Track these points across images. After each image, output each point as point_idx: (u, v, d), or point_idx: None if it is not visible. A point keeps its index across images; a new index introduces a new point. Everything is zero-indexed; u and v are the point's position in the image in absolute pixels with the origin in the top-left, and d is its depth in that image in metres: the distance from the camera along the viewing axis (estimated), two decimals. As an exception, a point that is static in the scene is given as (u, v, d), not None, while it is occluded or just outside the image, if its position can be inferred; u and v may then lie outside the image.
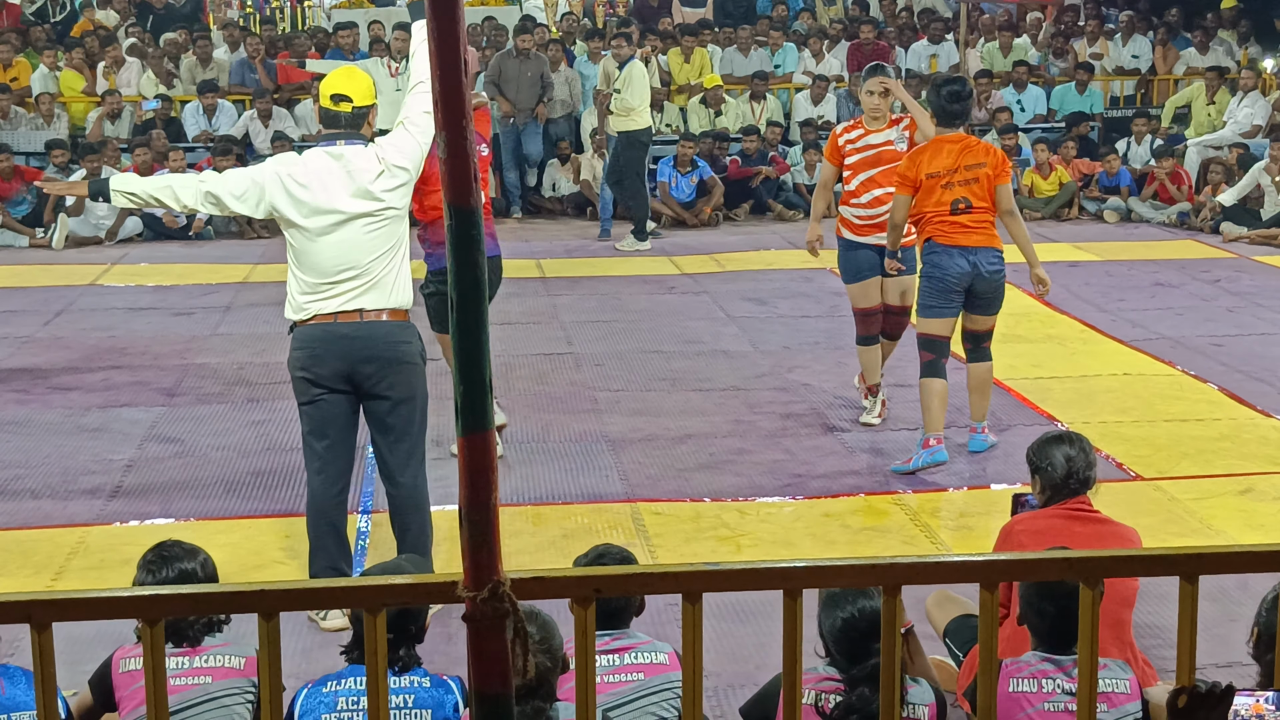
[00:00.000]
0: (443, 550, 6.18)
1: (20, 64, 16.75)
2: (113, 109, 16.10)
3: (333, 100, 5.75)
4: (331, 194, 5.63)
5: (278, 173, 5.71)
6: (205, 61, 16.79)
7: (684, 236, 15.01)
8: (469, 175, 2.43)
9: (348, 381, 5.74)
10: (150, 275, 13.16)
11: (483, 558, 2.51)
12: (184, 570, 4.22)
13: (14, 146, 15.25)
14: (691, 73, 17.43)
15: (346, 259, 5.64)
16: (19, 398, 9.21)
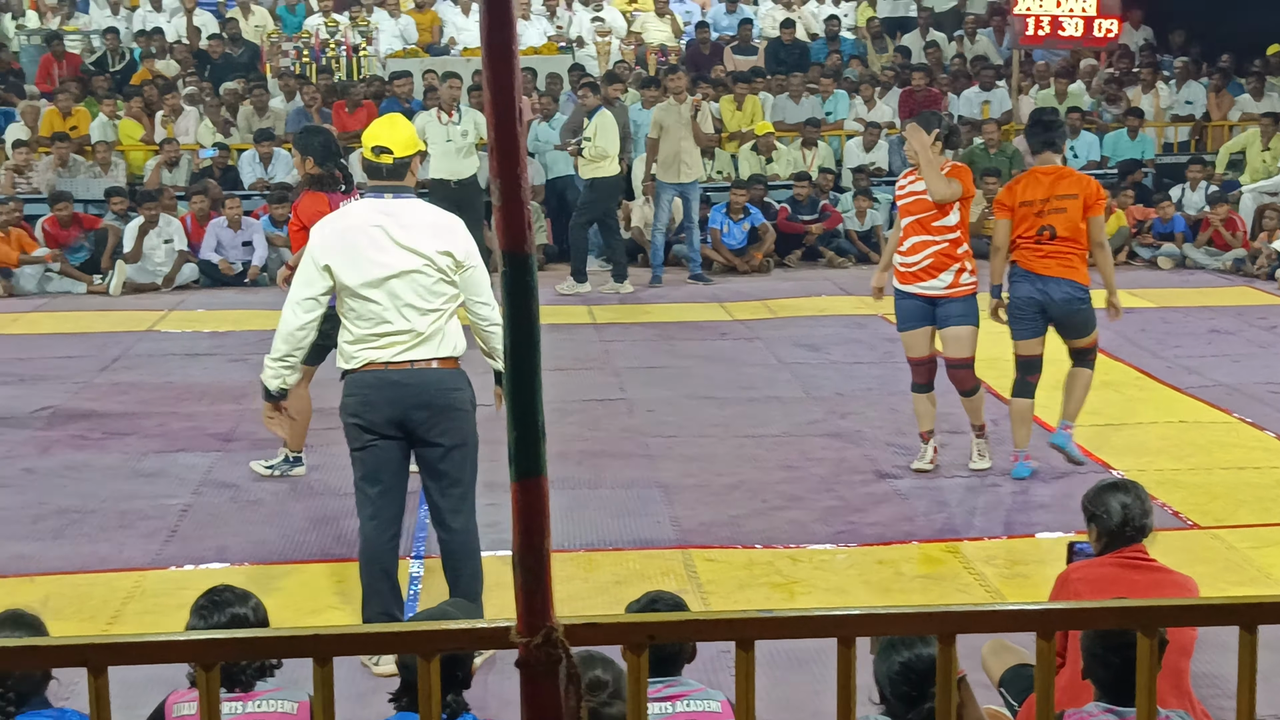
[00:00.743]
0: (494, 596, 6.18)
1: (80, 113, 16.99)
2: (170, 157, 16.29)
3: (374, 152, 5.79)
4: (377, 247, 5.66)
5: (321, 233, 5.77)
6: (262, 110, 16.97)
7: (736, 283, 15.03)
8: (523, 223, 2.44)
9: (399, 428, 5.76)
10: (206, 321, 13.28)
11: (536, 603, 2.51)
12: (235, 615, 4.23)
13: (73, 194, 15.44)
14: (743, 120, 17.48)
15: (394, 312, 5.66)
16: (77, 442, 9.29)
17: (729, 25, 19.98)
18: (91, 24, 19.43)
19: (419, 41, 19.10)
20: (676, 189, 14.81)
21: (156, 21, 19.25)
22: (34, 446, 9.20)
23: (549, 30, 19.15)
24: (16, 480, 8.56)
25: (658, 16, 19.72)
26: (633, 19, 19.71)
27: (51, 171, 16.00)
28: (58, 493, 8.29)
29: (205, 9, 19.55)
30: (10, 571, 7.06)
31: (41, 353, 11.70)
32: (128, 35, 19.15)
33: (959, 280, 8.06)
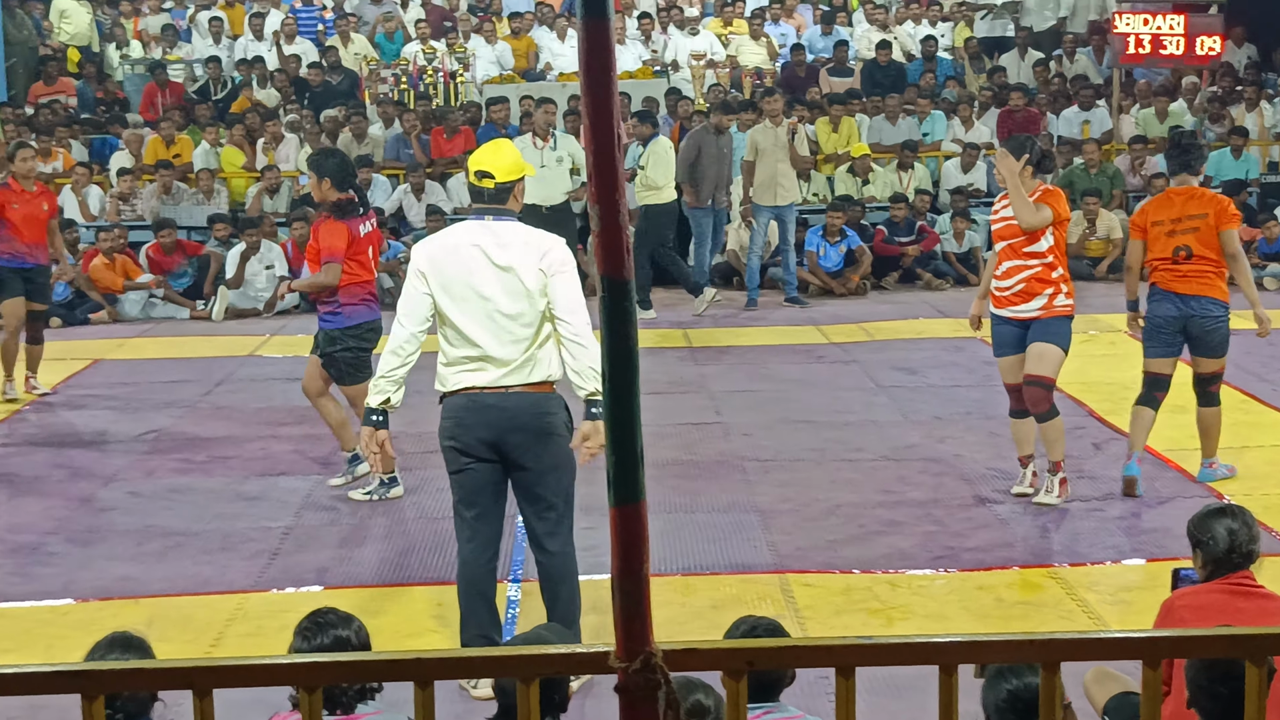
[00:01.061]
0: (591, 620, 6.18)
1: (183, 140, 17.28)
2: (271, 184, 16.53)
3: (477, 176, 5.84)
4: (473, 268, 5.70)
5: (422, 252, 5.83)
6: (360, 137, 17.17)
7: (832, 306, 14.96)
8: (622, 248, 2.44)
9: (495, 451, 5.79)
10: (307, 346, 13.37)
11: (635, 628, 2.50)
12: (339, 637, 4.26)
13: (176, 221, 15.70)
14: (839, 142, 17.43)
15: (490, 336, 5.69)
16: (181, 466, 9.43)
17: (824, 47, 19.94)
18: (194, 53, 19.76)
19: (515, 67, 19.24)
20: (772, 212, 14.78)
21: (258, 50, 19.55)
22: (139, 470, 9.34)
23: (644, 54, 19.21)
24: (122, 503, 8.70)
25: (753, 39, 19.72)
26: (728, 42, 19.72)
27: (155, 199, 16.29)
28: (162, 515, 8.41)
29: (305, 37, 19.82)
30: (116, 593, 7.17)
31: (146, 377, 11.88)
32: (229, 64, 19.45)
33: (1052, 303, 7.97)
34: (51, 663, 4.82)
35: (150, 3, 20.47)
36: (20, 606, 7.02)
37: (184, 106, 18.24)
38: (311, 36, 19.96)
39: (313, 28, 20.15)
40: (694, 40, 19.47)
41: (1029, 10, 20.31)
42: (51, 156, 16.65)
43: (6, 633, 6.63)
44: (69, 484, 9.06)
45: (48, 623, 6.82)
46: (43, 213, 11.17)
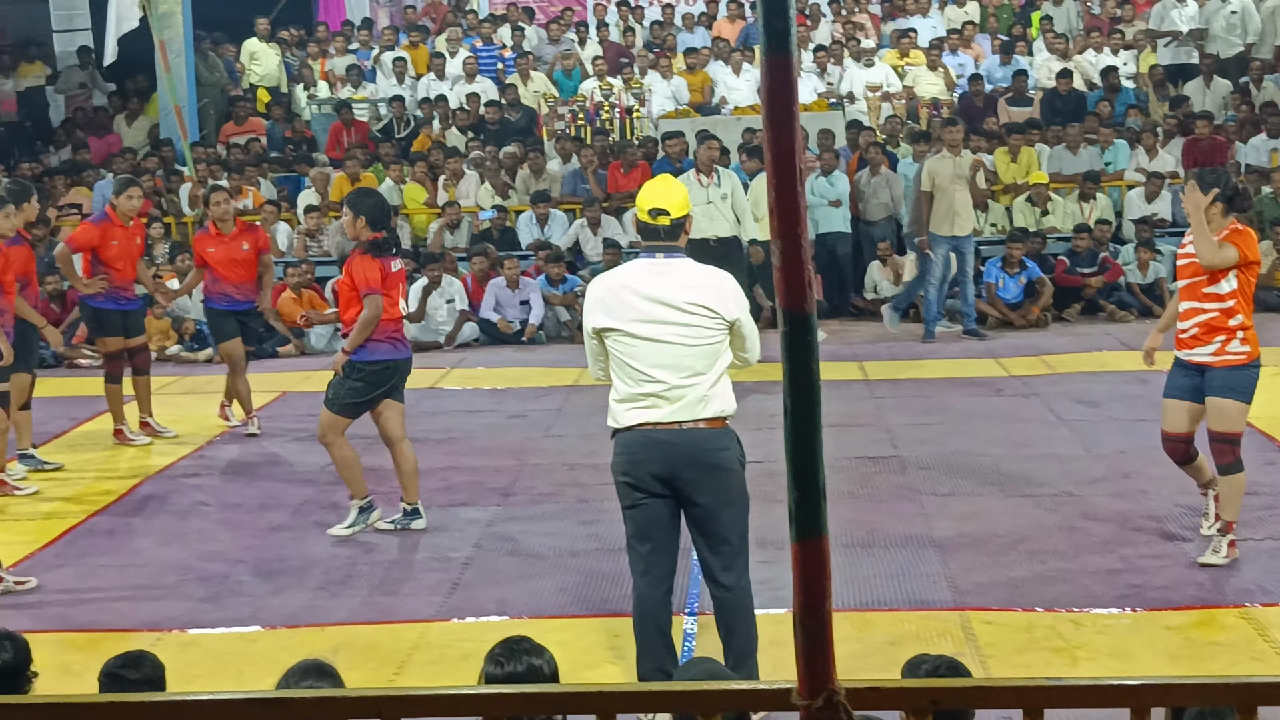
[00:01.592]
0: (768, 655, 6.16)
1: (368, 178, 17.67)
2: (452, 219, 16.83)
3: (651, 214, 5.85)
4: (645, 307, 5.73)
5: (594, 291, 5.89)
6: (539, 172, 17.40)
7: (1012, 338, 14.74)
8: (804, 282, 2.44)
9: (667, 486, 5.81)
10: (486, 379, 13.62)
11: (818, 665, 2.49)
12: (532, 665, 4.28)
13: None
14: (1018, 172, 17.19)
15: (663, 371, 5.71)
16: (364, 496, 9.61)
17: (1003, 77, 19.70)
18: (379, 92, 20.23)
19: (690, 102, 19.34)
20: (950, 242, 14.62)
21: (440, 89, 19.94)
22: (325, 500, 9.55)
23: (819, 87, 19.18)
24: (308, 533, 8.90)
25: (930, 70, 19.57)
26: (904, 73, 19.60)
27: (341, 235, 16.68)
28: (346, 545, 8.58)
29: (486, 76, 20.17)
30: (303, 621, 7.34)
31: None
32: (412, 102, 19.87)
33: (1225, 349, 7.54)
34: (243, 690, 4.94)
35: (336, 44, 21.02)
36: (212, 634, 7.22)
37: (368, 145, 18.67)
38: (491, 75, 20.31)
39: (493, 66, 20.50)
40: (869, 72, 19.38)
41: (1214, 37, 19.83)
42: (242, 195, 17.17)
43: (199, 659, 6.82)
44: (258, 514, 9.30)
45: (238, 650, 7.00)
46: (243, 253, 11.39)
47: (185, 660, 6.70)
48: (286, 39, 21.39)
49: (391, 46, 21.06)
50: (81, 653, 6.96)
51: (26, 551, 8.63)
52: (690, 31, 21.46)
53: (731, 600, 5.94)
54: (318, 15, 23.15)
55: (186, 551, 8.57)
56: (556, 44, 20.73)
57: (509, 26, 21.38)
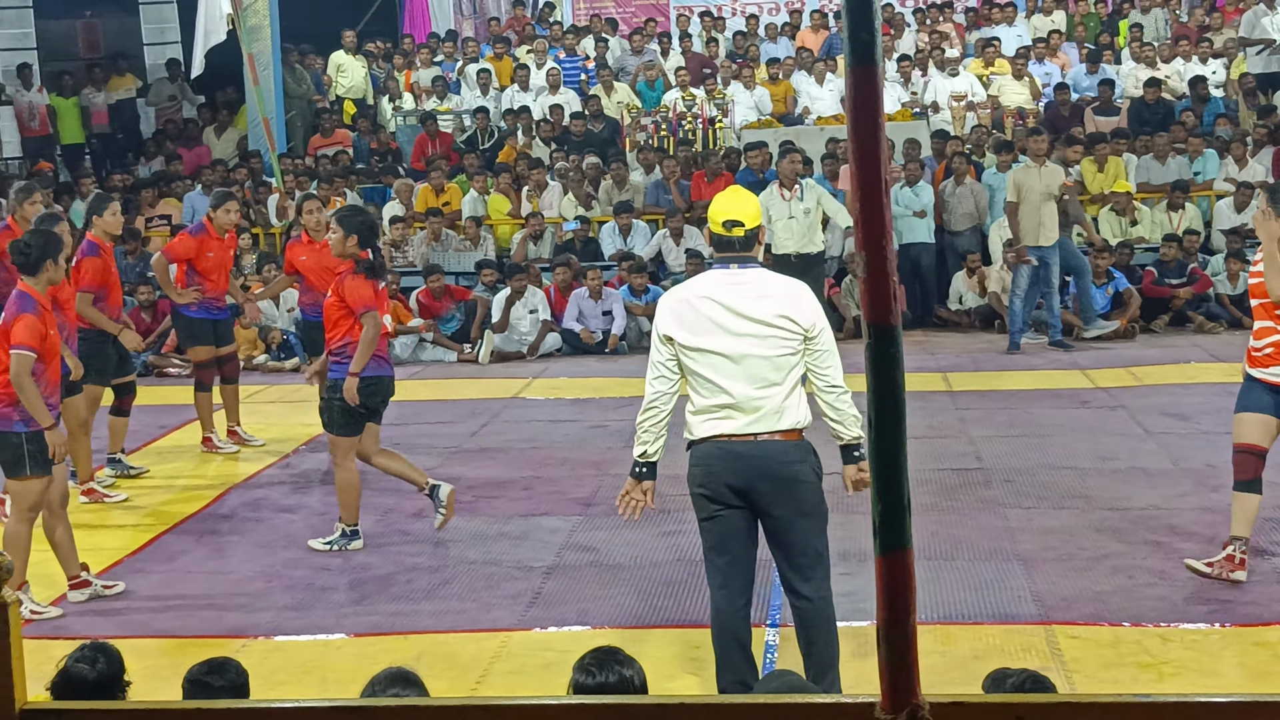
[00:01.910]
0: (849, 668, 6.13)
1: (452, 189, 17.81)
2: (535, 230, 16.90)
3: (724, 226, 5.82)
4: (720, 318, 5.70)
5: (667, 304, 5.87)
6: (621, 183, 17.44)
7: (1098, 350, 14.58)
8: (889, 294, 2.43)
9: (743, 498, 5.78)
10: (569, 389, 13.67)
11: (901, 679, 2.48)
12: (623, 676, 4.26)
13: (445, 266, 16.17)
14: (1105, 182, 17.01)
15: (739, 384, 5.68)
16: (447, 505, 9.66)
17: (1089, 86, 19.51)
18: (463, 104, 20.36)
19: (773, 112, 19.31)
20: (1036, 253, 14.49)
21: (524, 100, 20.04)
22: (408, 509, 9.61)
23: (903, 97, 19.09)
24: (393, 540, 8.97)
25: (1015, 79, 19.42)
26: (989, 83, 19.46)
27: (425, 246, 16.82)
28: (430, 553, 8.64)
29: (569, 87, 20.24)
30: (386, 629, 7.39)
31: (415, 419, 12.22)
32: (496, 114, 19.98)
33: None
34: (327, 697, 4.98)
35: (422, 56, 21.18)
36: (296, 640, 7.29)
37: (451, 156, 18.80)
38: (575, 86, 20.38)
39: (576, 78, 20.57)
40: (954, 81, 19.26)
41: (1306, 44, 19.54)
42: (330, 205, 17.31)
43: (283, 666, 6.89)
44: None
45: (322, 657, 7.06)
46: (334, 262, 11.09)
47: (270, 667, 6.77)
48: (373, 51, 21.59)
49: (476, 58, 21.20)
50: (168, 658, 7.04)
51: (115, 558, 8.76)
52: (773, 41, 21.43)
53: (812, 612, 5.91)
54: (403, 27, 23.35)
55: (272, 559, 8.66)
56: (639, 55, 20.77)
57: (592, 38, 21.45)
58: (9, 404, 7.60)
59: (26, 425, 7.59)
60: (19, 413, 7.59)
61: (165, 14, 22.88)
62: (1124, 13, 21.64)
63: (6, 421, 7.62)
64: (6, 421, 7.62)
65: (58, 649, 4.91)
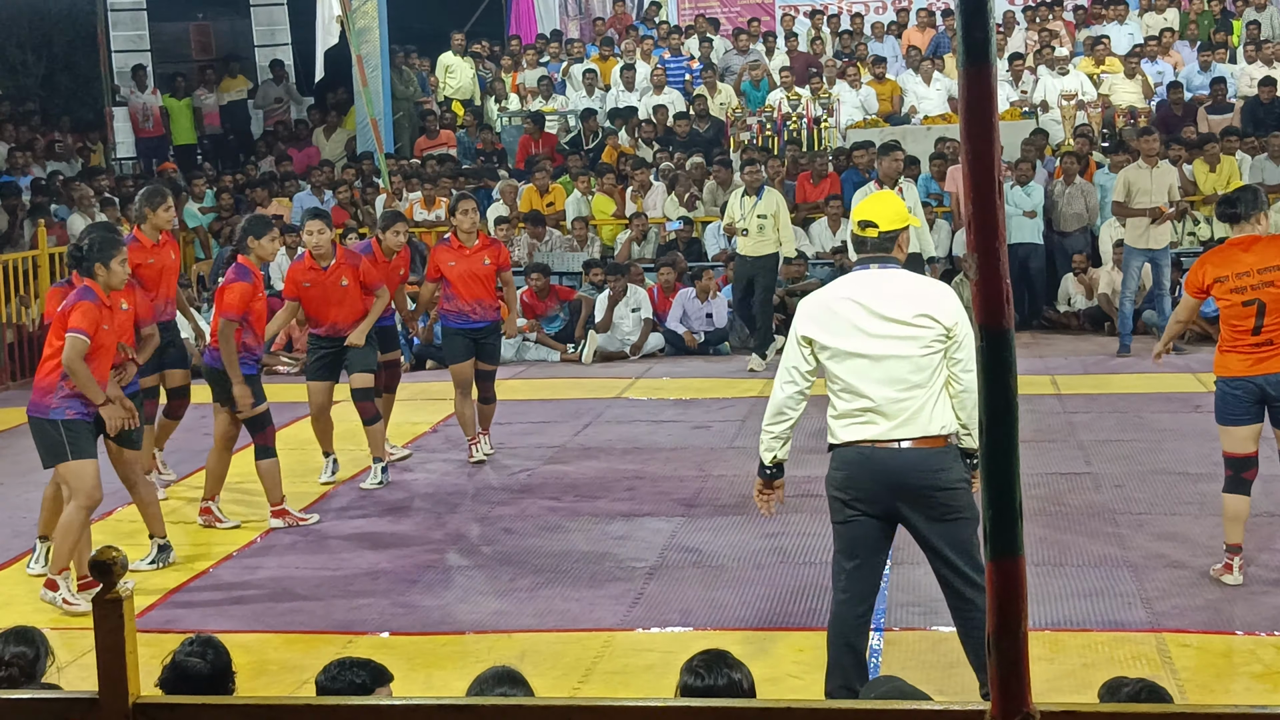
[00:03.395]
0: (956, 675, 6.06)
1: (556, 189, 17.88)
2: (640, 230, 16.92)
3: (860, 226, 5.82)
4: (860, 321, 5.63)
5: (805, 306, 5.83)
6: (725, 184, 17.41)
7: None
8: (1001, 297, 2.40)
9: (882, 505, 5.69)
10: (671, 389, 13.67)
11: (1012, 688, 2.44)
12: (732, 680, 4.21)
13: (550, 266, 16.24)
14: (1218, 182, 16.70)
15: (880, 388, 5.59)
16: (550, 504, 9.71)
17: (1202, 84, 19.18)
18: (568, 104, 20.44)
19: (879, 111, 19.19)
20: (1146, 255, 14.27)
21: (628, 100, 20.07)
22: (512, 507, 9.67)
23: (1012, 95, 18.89)
24: (497, 539, 9.02)
25: (1127, 78, 19.14)
26: (1100, 81, 19.20)
27: (530, 246, 16.89)
28: (533, 552, 8.67)
29: (674, 87, 20.25)
30: (490, 627, 7.43)
31: (519, 418, 12.28)
32: (602, 114, 20.03)
33: None
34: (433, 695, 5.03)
35: (528, 57, 21.29)
36: (402, 637, 7.35)
37: (554, 157, 18.86)
38: (679, 86, 20.38)
39: (680, 78, 20.57)
40: (1064, 80, 19.02)
41: None
42: (435, 205, 17.49)
43: (388, 662, 6.87)
44: (447, 519, 9.45)
45: (427, 653, 7.11)
46: (483, 268, 10.71)
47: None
48: (480, 52, 21.74)
49: (581, 59, 21.27)
50: (276, 654, 7.14)
51: (225, 553, 8.89)
52: (880, 40, 21.30)
53: (982, 619, 5.74)
54: (509, 29, 23.50)
55: (380, 555, 8.74)
56: (744, 54, 20.73)
57: (696, 37, 21.44)
58: (48, 392, 7.80)
59: (63, 413, 7.78)
60: (56, 400, 7.79)
61: (276, 16, 23.20)
62: (1238, 10, 21.25)
63: (43, 409, 7.82)
64: (43, 409, 7.82)
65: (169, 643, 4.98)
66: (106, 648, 2.71)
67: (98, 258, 7.89)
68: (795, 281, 15.84)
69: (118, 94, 21.50)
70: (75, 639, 6.96)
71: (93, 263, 7.89)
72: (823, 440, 5.92)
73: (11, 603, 8.15)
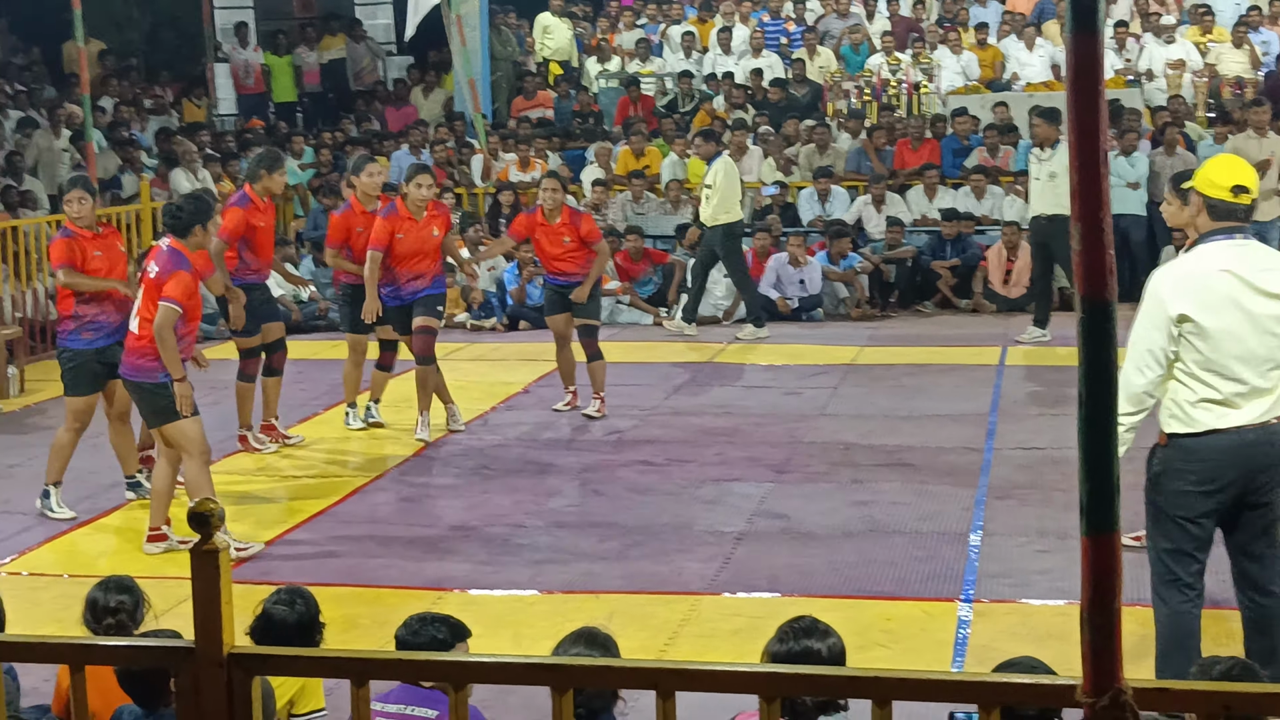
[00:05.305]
0: (1048, 648, 6.00)
1: (652, 152, 17.84)
2: (735, 195, 16.83)
3: (1233, 192, 5.31)
4: (1236, 295, 5.21)
5: (1172, 279, 5.31)
6: (823, 148, 17.29)
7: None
8: (1104, 268, 2.37)
9: (1237, 493, 5.36)
10: (763, 354, 13.63)
11: (1104, 663, 2.43)
12: (822, 647, 4.17)
13: (645, 229, 16.22)
14: (1327, 154, 16.35)
15: (1252, 367, 5.22)
16: (641, 467, 9.73)
17: (1311, 55, 18.77)
18: (666, 67, 20.37)
19: (980, 78, 18.96)
20: (1254, 228, 13.98)
21: (726, 64, 19.97)
22: (603, 469, 9.70)
23: (1116, 63, 18.58)
24: (587, 500, 9.06)
25: (1234, 47, 18.75)
26: (1206, 50, 18.83)
27: (626, 208, 16.89)
28: (623, 514, 8.70)
29: (771, 50, 20.11)
30: (578, 587, 7.47)
31: (611, 380, 12.29)
32: (699, 78, 19.95)
33: None
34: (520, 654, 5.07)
35: (626, 18, 21.24)
36: (490, 595, 7.41)
37: (650, 120, 18.81)
38: (777, 49, 20.25)
39: (778, 41, 20.43)
40: (1169, 48, 18.68)
41: None
42: (530, 167, 17.52)
43: (478, 619, 6.94)
44: (538, 479, 9.51)
45: (515, 611, 7.17)
46: (564, 246, 10.88)
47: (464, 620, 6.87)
48: (577, 13, 21.70)
49: (679, 21, 21.17)
50: (367, 607, 7.23)
51: (319, 508, 9.00)
52: (983, 5, 21.00)
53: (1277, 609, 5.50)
54: (608, -10, 23.43)
55: (470, 514, 8.81)
56: (844, 19, 20.54)
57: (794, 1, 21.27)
58: (146, 355, 7.92)
59: (169, 375, 7.91)
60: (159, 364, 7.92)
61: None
62: (1353, -22, 20.74)
63: (150, 374, 7.96)
64: (150, 374, 7.96)
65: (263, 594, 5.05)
66: (203, 598, 2.76)
67: (196, 219, 8.03)
68: (892, 248, 15.73)
69: (220, 51, 21.71)
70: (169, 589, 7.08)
71: (191, 224, 8.01)
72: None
73: (106, 554, 8.33)
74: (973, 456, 9.65)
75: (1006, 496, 8.77)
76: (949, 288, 15.62)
